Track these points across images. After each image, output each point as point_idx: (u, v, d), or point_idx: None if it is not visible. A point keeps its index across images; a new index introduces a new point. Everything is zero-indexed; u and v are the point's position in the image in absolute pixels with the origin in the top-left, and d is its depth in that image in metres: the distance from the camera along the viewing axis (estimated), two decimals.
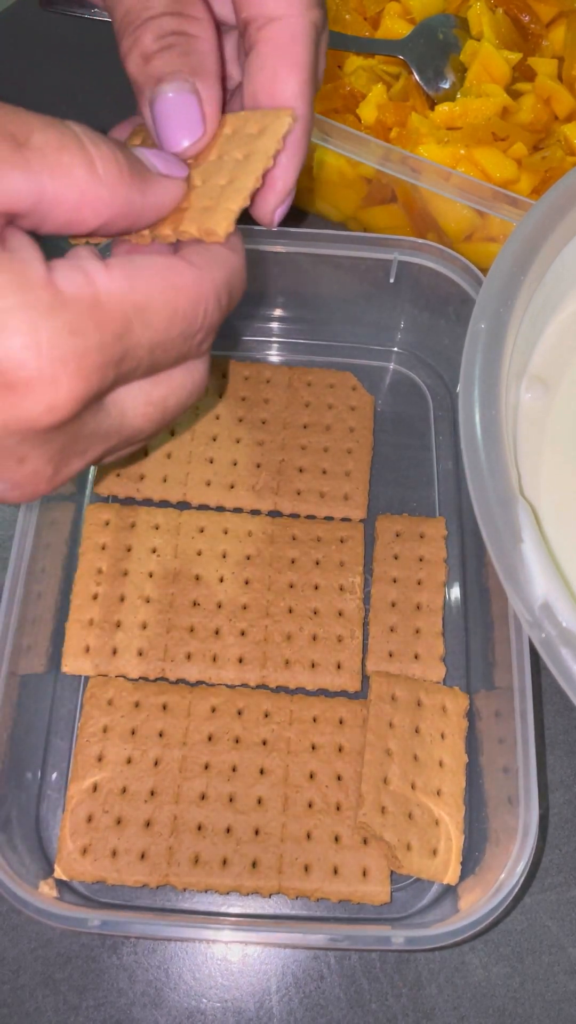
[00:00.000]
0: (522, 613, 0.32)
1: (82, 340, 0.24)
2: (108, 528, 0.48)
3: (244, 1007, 0.39)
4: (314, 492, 0.50)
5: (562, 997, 0.40)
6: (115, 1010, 0.39)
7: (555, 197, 0.39)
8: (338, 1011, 0.39)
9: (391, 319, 0.54)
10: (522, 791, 0.37)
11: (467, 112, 0.52)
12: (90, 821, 0.40)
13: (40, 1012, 0.39)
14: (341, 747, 0.43)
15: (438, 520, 0.50)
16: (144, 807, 0.41)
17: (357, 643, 0.46)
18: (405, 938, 0.35)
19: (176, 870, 0.40)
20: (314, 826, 0.41)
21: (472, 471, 0.34)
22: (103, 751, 0.42)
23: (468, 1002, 0.40)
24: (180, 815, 0.41)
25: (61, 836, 0.40)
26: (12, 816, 0.39)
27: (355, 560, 0.48)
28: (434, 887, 0.41)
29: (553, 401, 0.41)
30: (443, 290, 0.49)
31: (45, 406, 0.24)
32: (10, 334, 0.23)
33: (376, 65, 0.55)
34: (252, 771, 0.42)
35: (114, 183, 0.26)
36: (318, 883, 0.40)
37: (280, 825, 0.41)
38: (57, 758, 0.43)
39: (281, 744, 0.43)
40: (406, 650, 0.46)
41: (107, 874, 0.39)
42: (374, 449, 0.52)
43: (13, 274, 0.23)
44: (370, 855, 0.40)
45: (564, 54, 0.54)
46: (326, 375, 0.54)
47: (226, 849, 0.40)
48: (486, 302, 0.37)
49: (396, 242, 0.49)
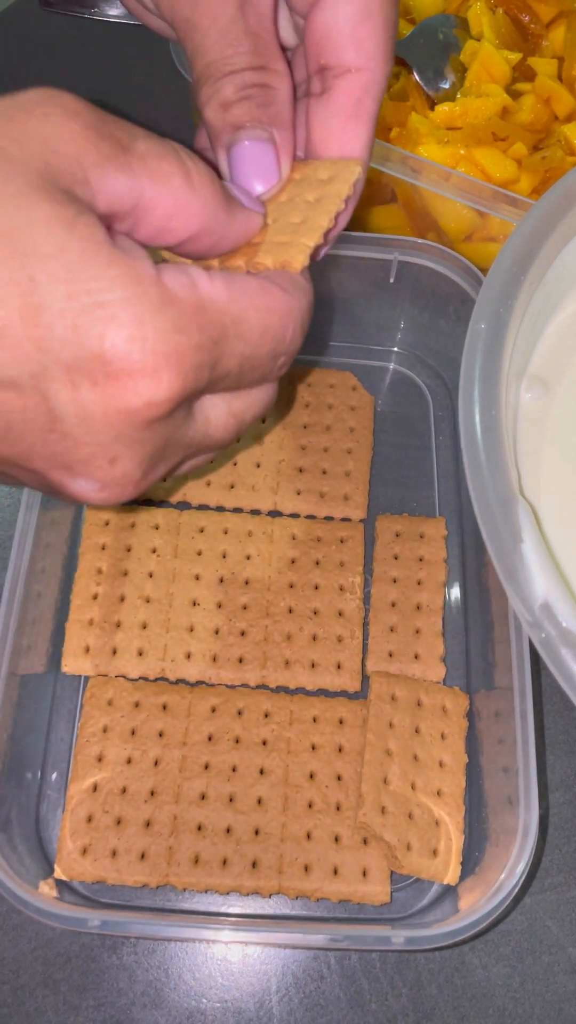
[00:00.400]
0: (522, 613, 0.32)
1: (185, 338, 0.24)
2: (108, 528, 0.48)
3: (244, 1007, 0.39)
4: (314, 492, 0.50)
5: (562, 997, 0.40)
6: (115, 1010, 0.39)
7: (555, 197, 0.39)
8: (338, 1011, 0.39)
9: (391, 319, 0.54)
10: (522, 791, 0.37)
11: (467, 112, 0.52)
12: (90, 821, 0.40)
13: (40, 1012, 0.39)
14: (341, 747, 0.43)
15: (438, 520, 0.50)
16: (144, 807, 0.41)
17: (357, 643, 0.46)
18: (405, 938, 0.35)
19: (176, 870, 0.40)
20: (314, 826, 0.41)
21: (472, 471, 0.34)
22: (103, 751, 0.42)
23: (468, 1002, 0.40)
24: (180, 815, 0.41)
25: (61, 836, 0.40)
26: (12, 816, 0.39)
27: (355, 560, 0.48)
28: (434, 887, 0.41)
29: (553, 401, 0.41)
30: (443, 290, 0.49)
31: (145, 400, 0.24)
32: (118, 326, 0.23)
33: None
34: (252, 771, 0.42)
35: (207, 197, 0.27)
36: (318, 883, 0.40)
37: (280, 825, 0.41)
38: (57, 758, 0.43)
39: (281, 744, 0.43)
40: (406, 650, 0.46)
41: (107, 874, 0.39)
42: (374, 449, 0.52)
43: (125, 267, 0.23)
44: (370, 855, 0.40)
45: (564, 54, 0.54)
46: (326, 375, 0.54)
47: (226, 849, 0.40)
48: (486, 302, 0.37)
49: (396, 242, 0.49)
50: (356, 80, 0.31)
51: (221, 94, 0.31)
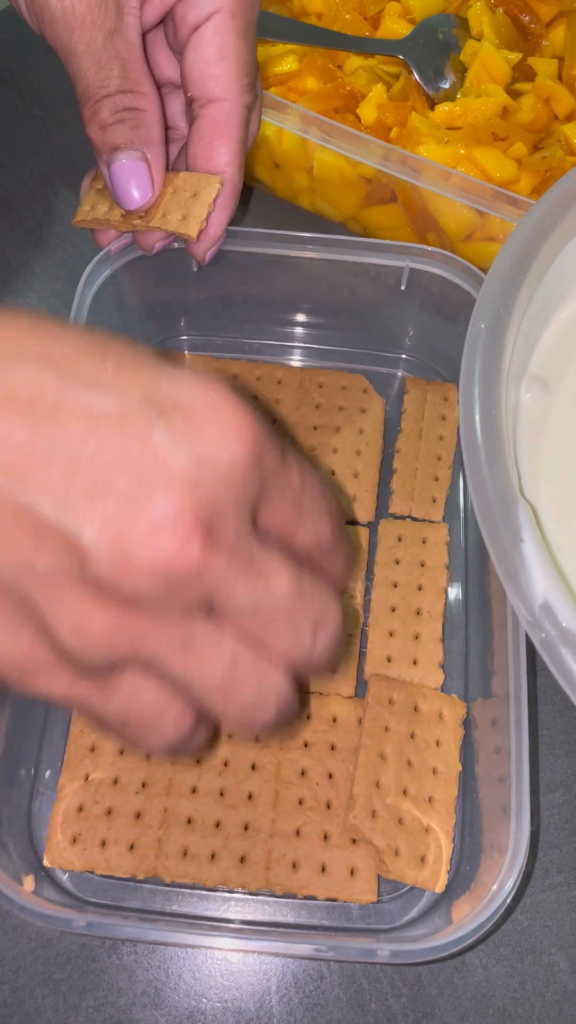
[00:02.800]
0: (522, 613, 0.32)
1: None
2: None
3: (244, 1007, 0.39)
4: None
5: (562, 997, 0.40)
6: (115, 1010, 0.39)
7: (555, 197, 0.39)
8: (338, 1011, 0.39)
9: (401, 326, 0.54)
10: (514, 804, 0.36)
11: (467, 112, 0.52)
12: (81, 811, 0.41)
13: (40, 1012, 0.39)
14: (333, 745, 0.43)
15: (441, 525, 0.50)
16: (135, 798, 0.41)
17: (354, 648, 0.46)
18: (391, 951, 0.35)
19: (164, 862, 0.40)
20: (303, 823, 0.41)
21: (472, 471, 0.34)
22: (96, 741, 0.42)
23: (468, 1002, 0.40)
24: (170, 807, 0.41)
25: (51, 825, 0.40)
26: (2, 814, 0.39)
27: (358, 565, 0.48)
28: (424, 898, 0.41)
29: (553, 401, 0.41)
30: (453, 298, 0.49)
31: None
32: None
33: (376, 65, 0.55)
34: (244, 766, 0.42)
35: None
36: (305, 880, 0.40)
37: (270, 821, 0.41)
38: (52, 755, 0.43)
39: (273, 740, 0.43)
40: (405, 655, 0.46)
41: (95, 864, 0.39)
42: (383, 452, 0.52)
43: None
44: (358, 854, 0.40)
45: (564, 54, 0.54)
46: (338, 377, 0.53)
47: (215, 843, 0.40)
48: (486, 302, 0.37)
49: (407, 249, 0.48)
50: (217, 108, 0.38)
51: (99, 116, 0.37)
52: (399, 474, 0.51)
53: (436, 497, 0.50)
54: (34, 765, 0.43)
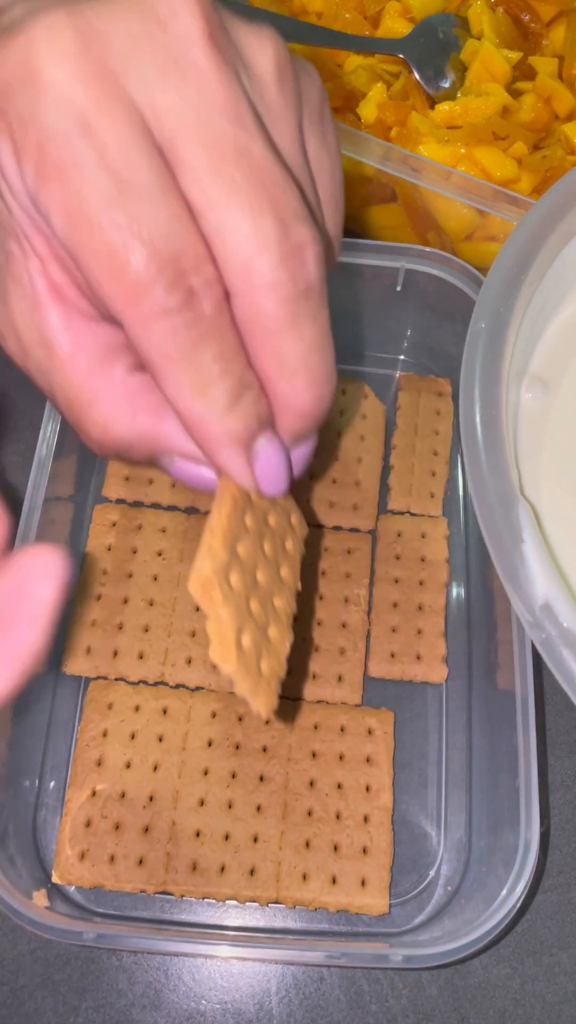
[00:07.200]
0: (522, 613, 0.32)
1: None
2: (114, 529, 0.48)
3: (244, 1008, 0.39)
4: (323, 501, 0.50)
5: (563, 998, 0.40)
6: (115, 1011, 0.39)
7: (555, 197, 0.39)
8: (338, 1012, 0.39)
9: (397, 327, 0.54)
10: (523, 806, 0.36)
11: (467, 111, 0.51)
12: (89, 826, 0.40)
13: (40, 1013, 0.39)
14: (342, 755, 0.43)
15: (440, 519, 0.50)
16: (143, 812, 0.41)
17: (359, 656, 0.45)
18: (403, 956, 0.35)
19: (174, 876, 0.39)
20: (313, 835, 0.41)
21: (472, 471, 0.34)
22: (102, 755, 0.42)
23: (468, 1003, 0.40)
24: (178, 821, 0.41)
25: (59, 840, 0.40)
26: (8, 825, 0.39)
27: (361, 572, 0.48)
28: (433, 901, 0.41)
29: (553, 401, 0.41)
30: (450, 298, 0.49)
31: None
32: None
33: (376, 64, 0.55)
34: (252, 777, 0.42)
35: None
36: (316, 892, 0.39)
37: (279, 833, 0.41)
38: (56, 765, 0.43)
39: (281, 751, 0.42)
40: (408, 651, 0.46)
41: (104, 880, 0.39)
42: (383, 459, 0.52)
43: None
44: (369, 865, 0.40)
45: (564, 53, 0.54)
46: (339, 382, 0.53)
47: (224, 856, 0.40)
48: (486, 302, 0.37)
49: (403, 250, 0.48)
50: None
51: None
52: (396, 470, 0.51)
53: (434, 492, 0.50)
54: (38, 776, 0.43)
